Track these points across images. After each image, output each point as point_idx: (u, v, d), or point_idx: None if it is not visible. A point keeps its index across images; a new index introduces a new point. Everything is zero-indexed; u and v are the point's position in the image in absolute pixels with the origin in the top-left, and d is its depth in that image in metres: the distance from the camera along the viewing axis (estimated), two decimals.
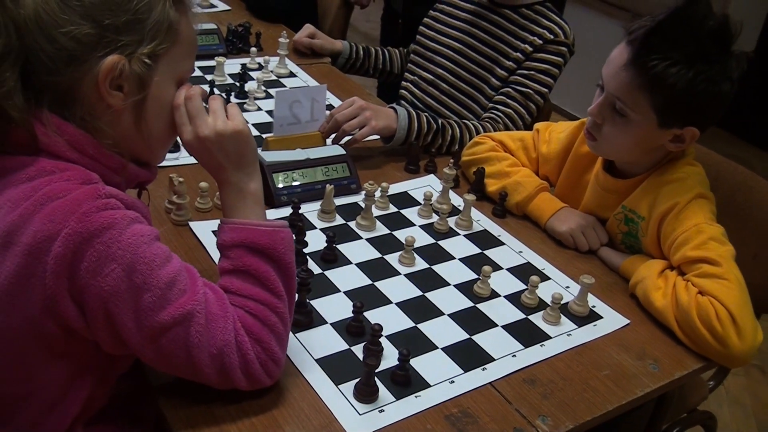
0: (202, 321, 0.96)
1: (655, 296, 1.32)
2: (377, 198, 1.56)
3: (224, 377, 1.00)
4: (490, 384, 1.17)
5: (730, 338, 1.23)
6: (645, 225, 1.44)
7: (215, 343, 0.97)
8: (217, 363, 0.98)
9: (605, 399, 1.17)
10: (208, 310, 0.97)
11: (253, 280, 1.03)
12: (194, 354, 0.96)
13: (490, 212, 1.63)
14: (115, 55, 0.92)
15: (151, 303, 0.92)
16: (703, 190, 1.41)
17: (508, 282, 1.41)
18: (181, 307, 0.94)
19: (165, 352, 0.96)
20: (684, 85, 1.28)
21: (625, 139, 1.40)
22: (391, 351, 1.19)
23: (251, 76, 2.08)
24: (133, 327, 0.92)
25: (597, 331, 1.32)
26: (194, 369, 0.98)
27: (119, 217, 0.91)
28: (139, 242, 0.92)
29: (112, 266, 0.89)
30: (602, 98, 1.40)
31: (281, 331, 1.03)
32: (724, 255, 1.31)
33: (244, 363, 1.00)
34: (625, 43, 1.35)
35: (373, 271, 1.38)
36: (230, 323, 0.98)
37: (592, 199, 1.56)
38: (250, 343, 1.00)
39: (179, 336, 0.95)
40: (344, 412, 1.07)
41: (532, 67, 1.96)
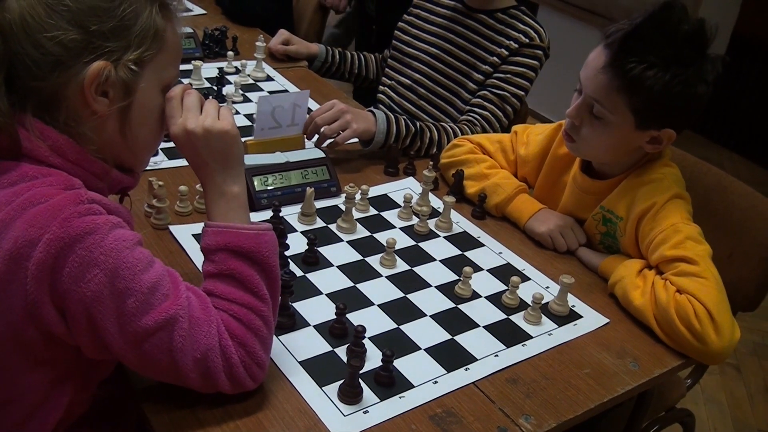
0: (186, 325, 0.95)
1: (634, 295, 1.34)
2: (357, 201, 1.57)
3: (208, 381, 0.99)
4: (473, 384, 1.17)
5: (708, 335, 1.25)
6: (623, 225, 1.46)
7: (199, 347, 0.96)
8: (201, 367, 0.97)
9: (587, 397, 1.18)
10: (192, 315, 0.96)
11: (237, 283, 1.02)
12: (178, 358, 0.95)
13: (470, 214, 1.64)
14: (101, 60, 0.92)
15: (134, 308, 0.91)
16: (679, 190, 1.43)
17: (489, 283, 1.42)
18: (164, 312, 0.93)
19: (148, 357, 0.95)
20: (660, 87, 1.30)
21: (603, 140, 1.42)
22: (375, 352, 1.19)
23: (228, 80, 2.08)
24: (116, 332, 0.91)
25: (577, 330, 1.33)
26: (178, 373, 0.97)
27: (101, 222, 0.90)
28: (121, 247, 0.91)
29: (94, 272, 0.88)
30: (580, 100, 1.41)
31: (265, 334, 1.03)
32: (701, 254, 1.33)
33: (228, 366, 0.99)
34: (603, 46, 1.37)
35: (354, 273, 1.38)
36: (214, 327, 0.98)
37: (570, 200, 1.57)
38: (234, 347, 0.99)
39: (162, 341, 0.94)
40: (329, 414, 1.07)
41: (509, 70, 1.98)
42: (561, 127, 1.58)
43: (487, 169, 1.65)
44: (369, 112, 1.77)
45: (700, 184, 1.66)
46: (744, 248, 1.58)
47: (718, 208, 1.65)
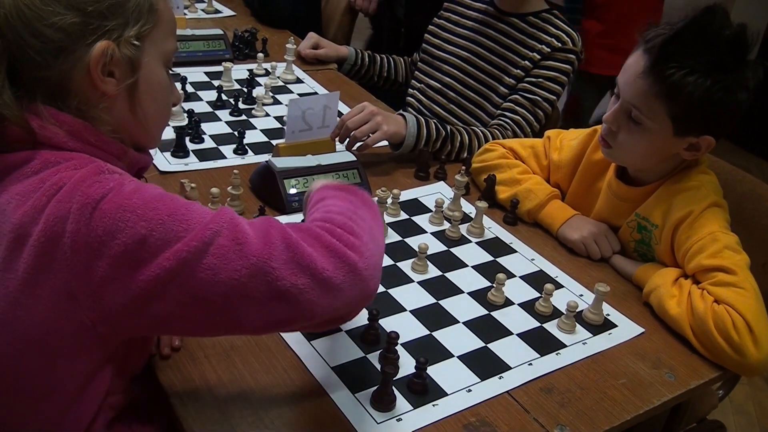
0: (243, 224, 0.89)
1: (670, 305, 1.32)
2: (388, 205, 1.56)
3: (298, 257, 0.88)
4: (507, 393, 1.16)
5: (746, 347, 1.22)
6: (658, 233, 1.44)
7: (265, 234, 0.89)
8: (285, 246, 0.88)
9: (623, 408, 1.17)
10: (249, 221, 0.90)
11: (334, 199, 1.02)
12: (246, 250, 0.86)
13: (501, 220, 1.62)
14: (103, 41, 0.91)
15: (182, 230, 0.85)
16: (717, 198, 1.41)
17: (522, 290, 1.41)
18: (217, 218, 0.87)
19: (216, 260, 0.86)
20: (701, 93, 1.28)
21: (640, 146, 1.40)
22: (407, 359, 1.18)
23: (258, 82, 2.08)
24: (173, 261, 0.84)
25: (612, 339, 1.31)
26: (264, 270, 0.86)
27: (120, 179, 0.89)
28: (142, 187, 0.88)
29: (126, 216, 0.84)
30: (618, 106, 1.40)
31: (365, 228, 0.96)
32: (740, 264, 1.31)
33: (313, 236, 0.91)
34: (642, 50, 1.35)
35: (386, 278, 1.37)
36: (280, 225, 0.91)
37: (605, 206, 1.55)
38: (320, 226, 0.93)
39: (225, 244, 0.86)
40: (362, 421, 1.07)
41: (541, 74, 1.96)
42: (596, 132, 1.56)
43: (519, 174, 1.63)
44: (399, 115, 1.76)
45: (734, 191, 1.63)
46: None
47: (752, 216, 1.62)
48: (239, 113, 1.91)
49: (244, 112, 1.92)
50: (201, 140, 1.75)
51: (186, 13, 2.48)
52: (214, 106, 1.93)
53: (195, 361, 1.14)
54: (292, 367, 1.15)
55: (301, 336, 1.21)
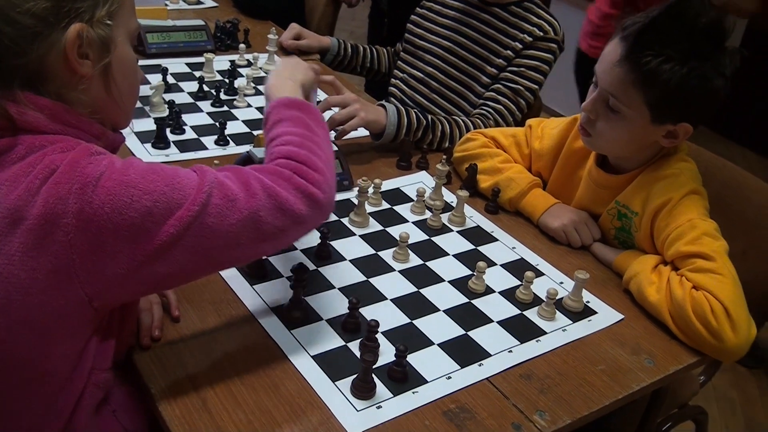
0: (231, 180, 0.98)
1: (649, 291, 1.33)
2: (370, 194, 1.56)
3: (279, 207, 0.99)
4: (486, 379, 1.17)
5: (725, 332, 1.23)
6: (638, 220, 1.45)
7: (247, 186, 0.98)
8: (261, 197, 0.98)
9: (602, 394, 1.17)
10: (225, 174, 0.99)
11: (289, 123, 1.11)
12: (238, 205, 0.95)
13: (483, 209, 1.63)
14: (76, 23, 0.91)
15: (181, 197, 0.92)
16: (696, 185, 1.42)
17: (503, 278, 1.41)
18: (204, 182, 0.95)
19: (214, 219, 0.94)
20: (677, 81, 1.29)
21: (618, 134, 1.40)
22: (388, 347, 1.18)
23: (240, 73, 2.07)
24: (185, 221, 0.91)
25: (592, 326, 1.32)
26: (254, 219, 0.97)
27: (109, 158, 0.92)
28: (129, 162, 0.93)
29: (131, 191, 0.89)
30: (596, 94, 1.40)
31: (320, 153, 1.08)
32: (718, 250, 1.32)
33: (286, 183, 1.01)
34: (619, 39, 1.35)
35: (367, 267, 1.38)
36: (250, 173, 1.01)
37: (585, 194, 1.56)
38: (286, 164, 1.04)
39: (218, 203, 0.94)
40: (342, 409, 1.07)
41: (523, 63, 1.96)
42: (576, 120, 1.57)
43: (500, 163, 1.64)
44: (380, 106, 1.76)
45: (714, 179, 1.64)
46: (759, 245, 1.57)
47: (732, 204, 1.63)
48: (221, 104, 1.90)
49: (226, 103, 1.91)
50: (182, 131, 1.74)
51: (167, 4, 2.46)
52: (195, 97, 1.92)
53: (175, 350, 1.14)
54: (272, 357, 1.15)
55: (281, 325, 1.21)
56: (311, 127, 1.12)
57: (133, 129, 1.63)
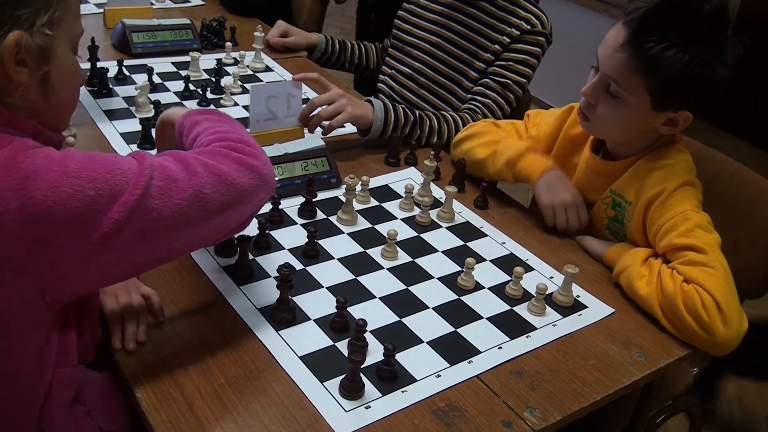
0: (171, 163, 0.98)
1: (639, 285, 1.32)
2: (358, 192, 1.55)
3: (221, 179, 1.01)
4: (476, 377, 1.16)
5: (715, 326, 1.23)
6: (632, 210, 1.44)
7: (186, 166, 0.99)
8: (203, 173, 0.99)
9: (592, 389, 1.17)
10: (164, 157, 1.00)
11: (207, 120, 1.13)
12: (179, 185, 0.96)
13: (472, 204, 1.62)
14: (15, 31, 0.89)
15: (122, 183, 0.91)
16: (690, 177, 1.41)
17: (492, 273, 1.40)
18: (143, 166, 0.95)
19: (158, 201, 0.94)
20: (679, 68, 1.28)
21: (618, 120, 1.40)
22: (376, 346, 1.17)
23: (227, 71, 2.05)
24: (128, 209, 0.91)
25: (582, 320, 1.31)
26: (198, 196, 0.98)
27: (47, 151, 0.90)
28: (72, 152, 0.92)
29: (73, 182, 0.87)
30: (596, 79, 1.39)
31: (242, 132, 1.13)
32: (710, 243, 1.31)
33: (224, 158, 1.03)
34: (622, 23, 1.34)
35: (355, 265, 1.37)
36: (188, 155, 1.02)
37: (581, 180, 1.55)
38: (216, 145, 1.06)
39: (160, 185, 0.94)
40: (330, 410, 1.06)
41: (511, 57, 1.95)
42: (572, 109, 1.57)
43: (499, 138, 1.64)
44: (367, 101, 1.75)
45: (705, 170, 1.64)
46: (750, 235, 1.56)
47: (723, 194, 1.62)
48: (207, 103, 1.88)
49: (213, 102, 1.90)
50: None
51: (153, 3, 2.45)
52: (181, 96, 1.90)
53: (161, 353, 1.13)
54: (259, 358, 1.14)
55: (269, 327, 1.19)
56: (232, 122, 1.15)
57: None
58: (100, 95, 1.84)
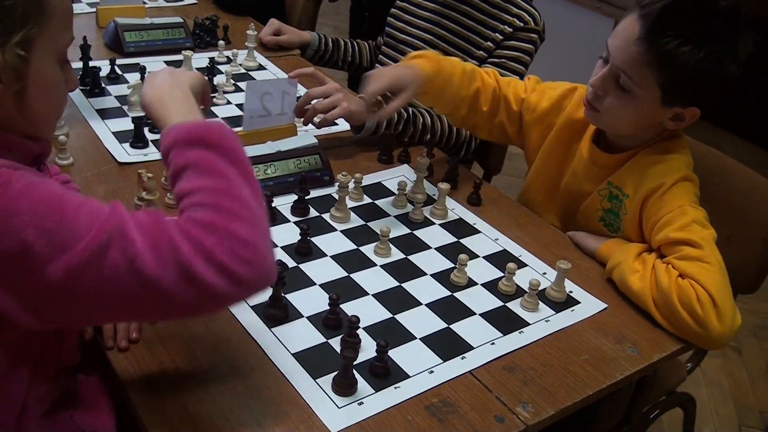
0: (133, 232, 0.84)
1: (632, 280, 1.32)
2: (351, 189, 1.55)
3: (189, 278, 0.83)
4: (469, 372, 1.16)
5: (710, 321, 1.23)
6: (629, 202, 1.44)
7: (159, 244, 0.84)
8: (171, 266, 0.83)
9: (585, 383, 1.17)
10: (137, 220, 0.85)
11: (195, 171, 0.90)
12: (139, 265, 0.82)
13: (465, 200, 1.62)
14: None
15: (70, 239, 0.82)
16: (689, 172, 1.41)
17: (485, 270, 1.40)
18: (106, 224, 0.83)
19: (112, 286, 0.83)
20: (693, 64, 1.28)
21: (626, 113, 1.39)
22: (369, 343, 1.17)
23: (220, 70, 2.05)
24: (62, 272, 0.82)
25: (575, 316, 1.31)
26: (152, 286, 0.83)
27: (6, 176, 0.84)
28: (45, 191, 0.84)
29: (12, 221, 0.81)
30: (606, 70, 1.38)
31: (242, 211, 0.88)
32: (706, 238, 1.31)
33: (205, 255, 0.84)
34: (637, 16, 1.32)
35: (348, 262, 1.37)
36: (171, 224, 0.86)
37: (579, 169, 1.55)
38: (203, 232, 0.85)
39: (116, 257, 0.82)
40: (323, 406, 1.06)
41: (503, 55, 1.95)
42: (575, 89, 1.57)
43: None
44: (361, 98, 1.74)
45: (699, 166, 1.63)
46: (744, 230, 1.57)
47: (717, 190, 1.62)
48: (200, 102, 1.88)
49: None
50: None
51: (146, 2, 2.44)
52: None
53: (153, 352, 1.12)
54: (252, 355, 1.14)
55: (262, 324, 1.19)
56: (225, 173, 0.90)
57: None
58: (92, 94, 1.84)
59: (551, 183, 1.63)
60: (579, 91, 1.58)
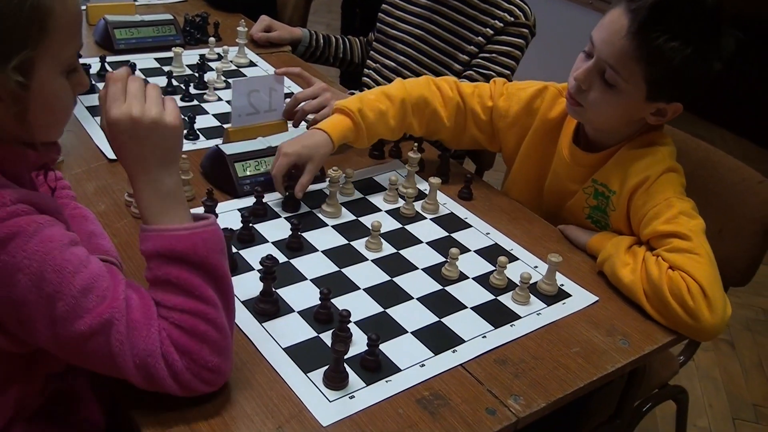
0: (122, 329, 0.89)
1: (623, 272, 1.32)
2: (342, 184, 1.54)
3: (153, 384, 0.94)
4: (461, 366, 1.16)
5: (701, 312, 1.23)
6: (616, 199, 1.44)
7: (138, 352, 0.91)
8: (142, 372, 0.92)
9: (576, 376, 1.17)
10: (130, 317, 0.90)
11: (175, 289, 0.94)
12: (118, 362, 0.90)
13: (456, 195, 1.62)
14: None
15: (65, 312, 0.87)
16: (672, 163, 1.41)
17: (476, 264, 1.40)
18: (98, 316, 0.88)
19: (87, 359, 0.92)
20: (680, 60, 1.28)
21: (610, 108, 1.38)
22: (360, 337, 1.17)
23: (210, 67, 2.04)
24: (49, 336, 0.88)
25: (566, 309, 1.31)
26: (120, 374, 0.93)
27: (25, 223, 0.85)
28: (48, 249, 0.86)
29: (18, 276, 0.84)
30: (591, 64, 1.37)
31: (215, 337, 0.95)
32: (694, 229, 1.31)
33: (173, 373, 0.93)
34: (625, 9, 1.31)
35: (339, 257, 1.36)
36: (154, 331, 0.91)
37: (561, 170, 1.54)
38: (177, 354, 0.93)
39: (100, 344, 0.89)
40: (314, 400, 1.06)
41: (494, 50, 1.95)
42: (546, 88, 1.56)
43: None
44: (350, 95, 1.74)
45: (689, 159, 1.64)
46: (734, 223, 1.57)
47: (707, 183, 1.63)
48: (190, 98, 1.87)
49: (196, 97, 1.89)
50: None
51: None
52: (164, 92, 1.86)
53: None
54: (242, 350, 1.13)
55: (253, 319, 1.19)
56: (204, 296, 0.95)
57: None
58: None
59: (532, 184, 1.62)
60: (549, 90, 1.57)
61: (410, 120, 1.59)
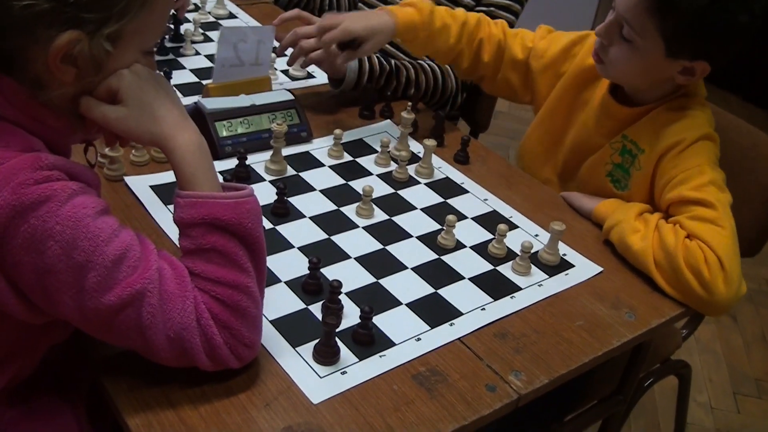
0: (155, 301, 0.86)
1: (633, 239, 1.25)
2: (331, 146, 1.46)
3: (184, 359, 0.90)
4: (458, 340, 1.10)
5: (716, 285, 1.17)
6: (644, 158, 1.36)
7: (172, 325, 0.87)
8: (175, 346, 0.88)
9: (580, 350, 1.11)
10: (163, 288, 0.87)
11: (219, 259, 0.91)
12: (148, 336, 0.87)
13: (452, 158, 1.54)
14: (74, 31, 0.82)
15: (96, 283, 0.83)
16: (710, 131, 1.34)
17: (474, 232, 1.33)
18: (129, 287, 0.84)
19: (114, 332, 0.87)
20: (695, 12, 1.20)
21: (631, 65, 1.32)
22: (352, 309, 1.10)
23: (187, 18, 1.93)
24: (74, 307, 0.84)
25: (569, 280, 1.25)
26: (150, 350, 0.89)
27: (59, 188, 0.82)
28: (80, 215, 0.83)
29: (49, 243, 0.81)
30: (612, 18, 1.31)
31: (254, 313, 0.93)
32: (722, 201, 1.25)
33: (209, 348, 0.90)
34: None
35: (328, 224, 1.29)
36: (190, 304, 0.88)
37: (590, 121, 1.47)
38: (216, 328, 0.90)
39: (129, 316, 0.86)
40: (303, 376, 0.99)
41: (492, 2, 1.86)
42: (588, 36, 1.50)
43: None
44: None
45: None
46: (745, 190, 1.49)
47: None
48: (166, 52, 1.76)
49: (171, 51, 1.78)
50: None
51: None
52: None
53: None
54: None
55: None
56: (246, 268, 0.93)
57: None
58: None
59: (555, 134, 1.55)
60: (591, 38, 1.50)
61: (462, 47, 1.55)
